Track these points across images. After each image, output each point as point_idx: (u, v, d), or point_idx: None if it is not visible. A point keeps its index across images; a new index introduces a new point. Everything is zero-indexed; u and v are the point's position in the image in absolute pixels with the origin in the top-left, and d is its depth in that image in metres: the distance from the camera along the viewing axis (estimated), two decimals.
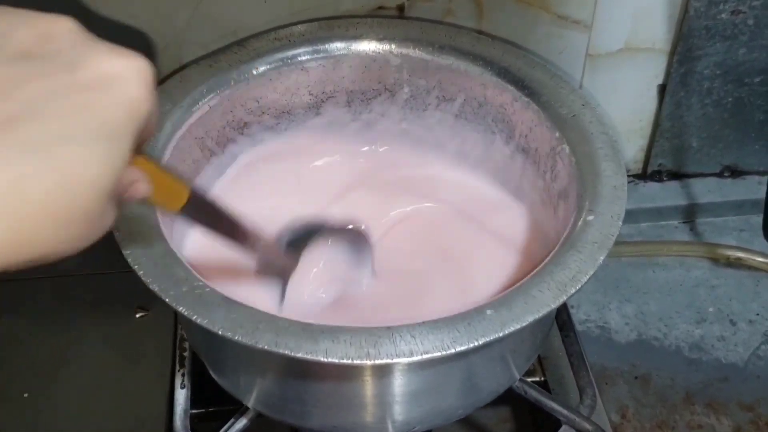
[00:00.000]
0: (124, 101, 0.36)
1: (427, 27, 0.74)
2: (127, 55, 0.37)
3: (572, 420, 0.67)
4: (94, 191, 0.34)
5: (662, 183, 0.93)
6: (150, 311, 0.77)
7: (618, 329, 0.83)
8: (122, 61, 0.37)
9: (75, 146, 0.34)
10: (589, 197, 0.60)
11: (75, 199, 0.34)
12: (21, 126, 0.33)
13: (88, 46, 0.37)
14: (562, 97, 0.67)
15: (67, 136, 0.33)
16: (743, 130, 0.89)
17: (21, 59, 0.35)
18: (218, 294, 0.53)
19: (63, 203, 0.33)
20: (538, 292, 0.53)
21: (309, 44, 0.73)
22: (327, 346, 0.50)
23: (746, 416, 0.77)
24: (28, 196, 0.32)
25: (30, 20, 0.37)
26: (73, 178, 0.33)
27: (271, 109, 0.73)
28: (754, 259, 0.87)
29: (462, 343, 0.50)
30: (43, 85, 0.34)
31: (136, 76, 0.37)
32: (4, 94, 0.33)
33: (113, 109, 0.36)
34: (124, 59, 0.37)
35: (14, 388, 0.72)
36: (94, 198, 0.35)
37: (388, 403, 0.58)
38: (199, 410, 0.70)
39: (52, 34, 0.36)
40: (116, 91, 0.36)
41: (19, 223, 0.32)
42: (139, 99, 0.37)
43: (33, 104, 0.33)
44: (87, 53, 0.36)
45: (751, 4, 0.79)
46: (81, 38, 0.37)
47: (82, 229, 0.35)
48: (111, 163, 0.35)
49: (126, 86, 0.36)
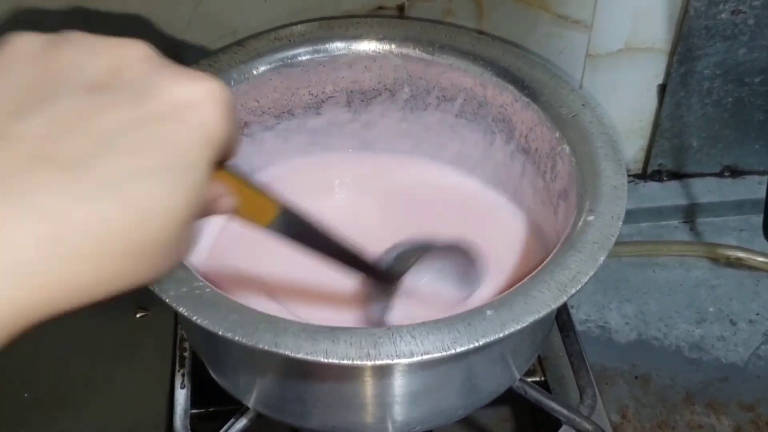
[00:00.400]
0: (198, 129, 0.35)
1: (427, 27, 0.74)
2: (201, 80, 0.36)
3: (572, 420, 0.67)
4: (171, 223, 0.34)
5: (662, 183, 0.94)
6: (150, 311, 0.77)
7: (618, 329, 0.83)
8: (195, 88, 0.36)
9: (150, 181, 0.33)
10: (590, 197, 0.60)
11: (153, 233, 0.33)
12: (96, 162, 0.32)
13: (161, 74, 0.36)
14: (563, 97, 0.67)
15: (141, 171, 0.33)
16: (743, 130, 0.89)
17: (94, 91, 0.34)
18: (218, 294, 0.53)
19: (142, 238, 0.33)
20: (538, 292, 0.53)
21: (309, 44, 0.72)
22: (327, 347, 0.50)
23: (746, 416, 0.77)
24: (108, 235, 0.32)
25: (104, 49, 0.36)
26: (151, 214, 0.33)
27: (271, 109, 0.73)
28: (754, 259, 0.87)
29: (462, 343, 0.50)
30: (116, 118, 0.33)
31: (209, 101, 0.36)
32: (79, 129, 0.33)
33: (187, 139, 0.35)
34: (197, 85, 0.36)
35: (14, 389, 0.72)
36: (173, 229, 0.34)
37: (388, 404, 0.58)
38: (199, 410, 0.70)
39: (125, 64, 0.36)
40: (190, 119, 0.35)
41: (101, 262, 0.32)
42: (213, 125, 0.36)
43: (107, 139, 0.33)
44: (160, 82, 0.36)
45: (752, 3, 0.79)
46: (154, 66, 0.36)
47: (162, 259, 0.35)
48: (187, 194, 0.34)
49: (199, 113, 0.36)
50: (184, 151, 0.35)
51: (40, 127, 0.32)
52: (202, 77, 0.37)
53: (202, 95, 0.36)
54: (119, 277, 0.33)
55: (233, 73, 0.70)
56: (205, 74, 0.37)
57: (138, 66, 0.36)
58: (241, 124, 0.72)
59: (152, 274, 0.35)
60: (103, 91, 0.35)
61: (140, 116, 0.34)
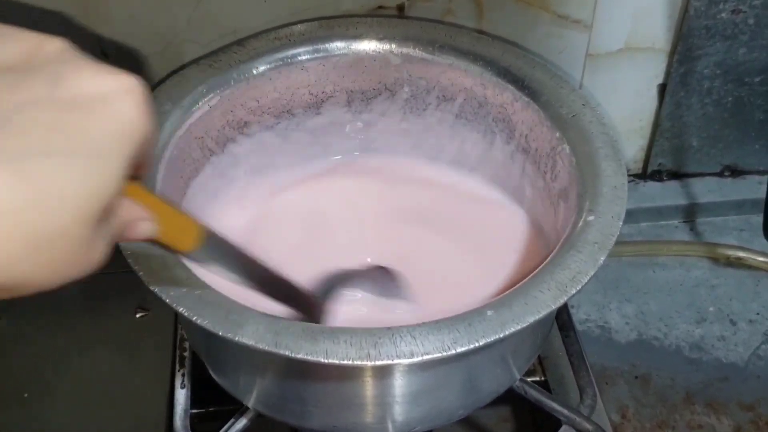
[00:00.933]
0: (111, 120, 0.34)
1: (428, 26, 0.74)
2: (118, 74, 0.35)
3: (572, 420, 0.67)
4: (73, 212, 0.32)
5: (662, 183, 0.93)
6: (150, 311, 0.77)
7: (618, 329, 0.83)
8: (111, 81, 0.35)
9: (53, 161, 0.31)
10: (590, 197, 0.60)
11: (51, 218, 0.31)
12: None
13: (76, 64, 0.35)
14: (563, 97, 0.67)
15: (45, 150, 0.31)
16: (743, 129, 0.89)
17: (4, 72, 0.33)
18: (218, 294, 0.53)
19: (37, 222, 0.31)
20: (538, 292, 0.53)
21: (309, 44, 0.73)
22: (327, 347, 0.50)
23: (746, 416, 0.77)
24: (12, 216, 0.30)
25: (20, 36, 0.35)
26: (50, 195, 0.31)
27: (271, 109, 0.73)
28: (754, 259, 0.87)
29: (462, 343, 0.50)
30: (23, 96, 0.32)
31: (127, 96, 0.35)
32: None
33: (99, 129, 0.33)
34: (112, 78, 0.35)
35: (14, 388, 0.72)
36: (74, 220, 0.32)
37: (389, 404, 0.58)
38: (199, 410, 0.70)
39: (41, 52, 0.35)
40: (104, 112, 0.34)
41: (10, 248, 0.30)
42: (129, 118, 0.35)
43: (10, 115, 0.31)
44: (74, 69, 0.34)
45: (752, 3, 0.79)
46: (71, 57, 0.35)
47: (63, 255, 0.32)
48: (94, 183, 0.32)
49: (115, 107, 0.34)
50: (94, 139, 0.33)
51: None
52: (120, 72, 0.35)
53: (117, 88, 0.35)
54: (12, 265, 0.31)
55: (233, 72, 0.70)
56: (122, 70, 0.36)
57: (54, 55, 0.35)
58: (242, 123, 0.72)
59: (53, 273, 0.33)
60: (14, 72, 0.34)
61: (50, 98, 0.33)
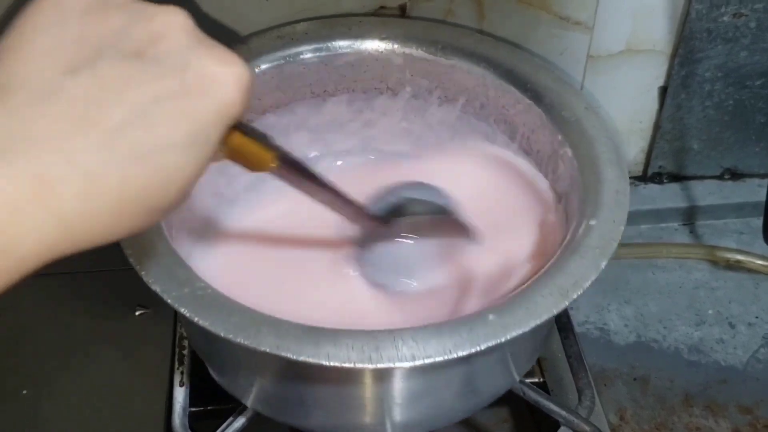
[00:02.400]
0: (218, 104, 0.38)
1: (430, 27, 0.74)
2: (229, 59, 0.39)
3: (571, 421, 0.67)
4: (183, 189, 0.38)
5: (662, 185, 0.94)
6: (150, 309, 0.77)
7: (617, 331, 0.83)
8: (223, 66, 0.39)
9: (175, 153, 0.37)
10: (591, 202, 0.60)
11: (171, 196, 0.38)
12: (131, 132, 0.35)
13: (195, 48, 0.38)
14: (565, 100, 0.67)
15: (169, 143, 0.37)
16: (744, 132, 0.89)
17: (134, 59, 0.37)
18: (220, 295, 0.53)
19: (160, 200, 0.37)
20: (540, 297, 0.53)
21: (311, 42, 0.72)
22: (329, 350, 0.50)
23: (745, 419, 0.77)
24: (136, 197, 0.36)
25: (147, 17, 0.38)
26: (172, 180, 0.37)
27: (273, 107, 0.73)
28: (753, 262, 0.87)
29: (464, 347, 0.50)
30: (151, 89, 0.36)
31: (234, 81, 0.39)
32: (118, 96, 0.36)
33: (208, 115, 0.38)
34: (225, 64, 0.39)
35: (13, 385, 0.72)
36: (183, 193, 0.38)
37: (389, 406, 0.58)
38: (198, 408, 0.70)
39: (165, 34, 0.38)
40: (213, 94, 0.38)
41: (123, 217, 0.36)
42: (232, 103, 0.39)
43: (142, 109, 0.36)
44: (193, 55, 0.38)
45: (753, 6, 0.79)
46: (190, 38, 0.39)
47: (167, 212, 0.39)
48: (201, 163, 0.38)
49: (222, 90, 0.38)
50: (204, 126, 0.38)
51: (84, 87, 0.35)
52: (231, 58, 0.39)
53: (229, 75, 0.39)
54: (131, 226, 0.37)
55: None
56: (234, 55, 0.39)
57: (175, 37, 0.38)
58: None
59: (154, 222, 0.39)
60: (142, 59, 0.37)
61: (173, 89, 0.37)
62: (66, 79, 0.35)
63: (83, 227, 0.35)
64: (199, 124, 0.38)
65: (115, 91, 0.36)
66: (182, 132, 0.37)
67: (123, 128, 0.35)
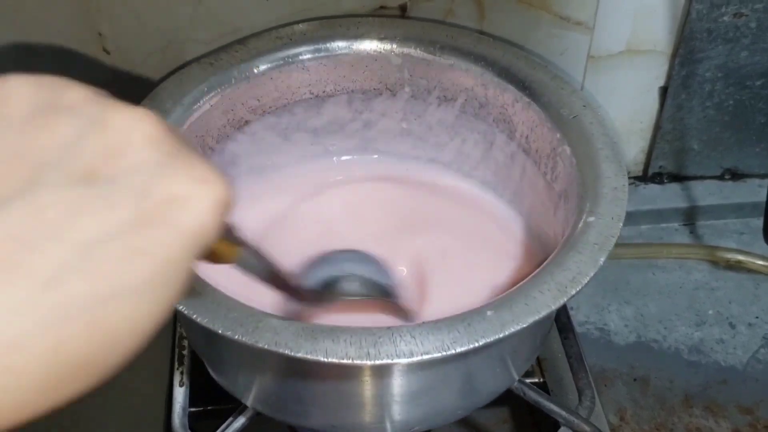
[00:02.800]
0: (185, 237, 0.31)
1: (429, 27, 0.74)
2: (204, 178, 0.32)
3: (571, 421, 0.67)
4: (139, 340, 0.31)
5: (663, 185, 0.94)
6: None
7: (617, 331, 0.83)
8: (195, 187, 0.32)
9: (124, 302, 0.30)
10: (590, 198, 0.60)
11: (117, 355, 0.30)
12: (70, 281, 0.28)
13: (162, 165, 0.31)
14: (564, 98, 0.67)
15: (116, 292, 0.29)
16: (744, 132, 0.89)
17: (82, 183, 0.30)
18: (218, 292, 0.53)
19: (104, 363, 0.30)
20: (538, 293, 0.53)
21: (310, 43, 0.73)
22: (327, 346, 0.50)
23: (745, 419, 0.77)
24: (67, 358, 0.29)
25: (106, 124, 0.31)
26: (118, 337, 0.30)
27: (272, 108, 0.73)
28: (754, 262, 0.87)
29: (462, 343, 0.50)
30: (99, 223, 0.30)
31: (208, 204, 0.32)
32: (57, 235, 0.29)
33: (172, 250, 0.31)
34: (198, 184, 0.32)
35: None
36: (137, 343, 0.31)
37: (388, 403, 0.58)
38: (197, 408, 0.70)
39: (124, 146, 0.31)
40: (179, 224, 0.31)
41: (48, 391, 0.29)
42: (204, 232, 0.32)
43: (86, 250, 0.29)
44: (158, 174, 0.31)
45: (754, 6, 0.79)
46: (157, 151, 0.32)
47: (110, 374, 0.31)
48: (160, 312, 0.31)
49: (191, 217, 0.31)
50: (164, 265, 0.31)
51: (14, 223, 0.29)
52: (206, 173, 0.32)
53: (201, 195, 0.32)
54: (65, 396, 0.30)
55: (234, 71, 0.70)
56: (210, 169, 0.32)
57: (137, 150, 0.31)
58: (242, 122, 0.72)
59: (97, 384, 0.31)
60: (93, 182, 0.30)
61: (125, 221, 0.30)
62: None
63: None
64: (159, 264, 0.30)
65: (54, 227, 0.29)
66: (135, 276, 0.30)
67: (59, 277, 0.28)
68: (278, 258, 0.68)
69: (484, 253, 0.70)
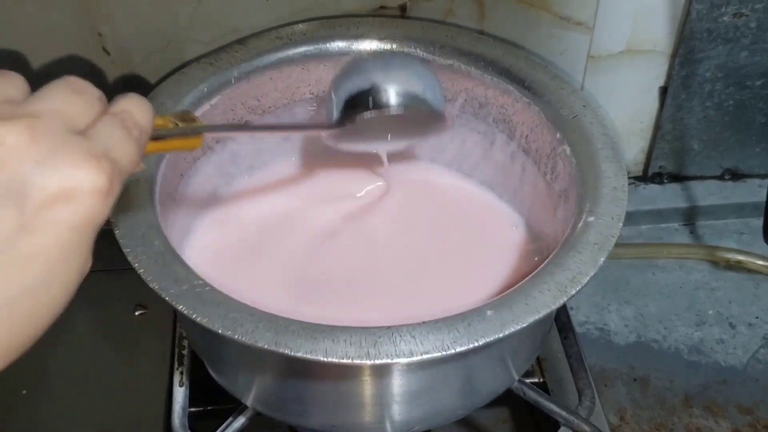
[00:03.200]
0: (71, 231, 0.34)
1: (429, 27, 0.74)
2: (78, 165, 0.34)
3: (571, 421, 0.67)
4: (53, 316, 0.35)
5: (663, 185, 0.94)
6: (149, 309, 0.77)
7: (617, 331, 0.83)
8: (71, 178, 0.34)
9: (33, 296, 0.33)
10: (590, 198, 0.60)
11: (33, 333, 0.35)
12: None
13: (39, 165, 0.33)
14: (564, 98, 0.67)
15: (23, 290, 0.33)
16: (744, 132, 0.89)
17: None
18: (218, 292, 0.53)
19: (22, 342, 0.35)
20: (538, 293, 0.53)
21: (310, 43, 0.72)
22: (327, 346, 0.50)
23: (744, 419, 0.77)
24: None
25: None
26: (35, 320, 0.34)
27: (272, 108, 0.73)
28: (754, 262, 0.87)
29: (462, 343, 0.50)
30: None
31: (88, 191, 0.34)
32: None
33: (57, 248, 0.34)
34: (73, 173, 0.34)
35: (12, 386, 0.72)
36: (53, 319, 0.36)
37: (387, 403, 0.58)
38: (197, 408, 0.70)
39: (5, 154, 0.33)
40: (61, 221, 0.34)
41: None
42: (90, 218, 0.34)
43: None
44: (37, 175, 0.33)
45: (754, 6, 0.79)
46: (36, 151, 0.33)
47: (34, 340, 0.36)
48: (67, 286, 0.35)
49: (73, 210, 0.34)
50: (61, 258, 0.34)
51: None
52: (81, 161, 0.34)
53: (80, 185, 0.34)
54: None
55: (234, 71, 0.70)
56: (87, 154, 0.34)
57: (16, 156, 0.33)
58: (242, 122, 0.72)
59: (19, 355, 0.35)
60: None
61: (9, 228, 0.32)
62: None
63: None
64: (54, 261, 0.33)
65: None
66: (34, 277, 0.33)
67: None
68: (278, 258, 0.69)
69: (483, 253, 0.71)
